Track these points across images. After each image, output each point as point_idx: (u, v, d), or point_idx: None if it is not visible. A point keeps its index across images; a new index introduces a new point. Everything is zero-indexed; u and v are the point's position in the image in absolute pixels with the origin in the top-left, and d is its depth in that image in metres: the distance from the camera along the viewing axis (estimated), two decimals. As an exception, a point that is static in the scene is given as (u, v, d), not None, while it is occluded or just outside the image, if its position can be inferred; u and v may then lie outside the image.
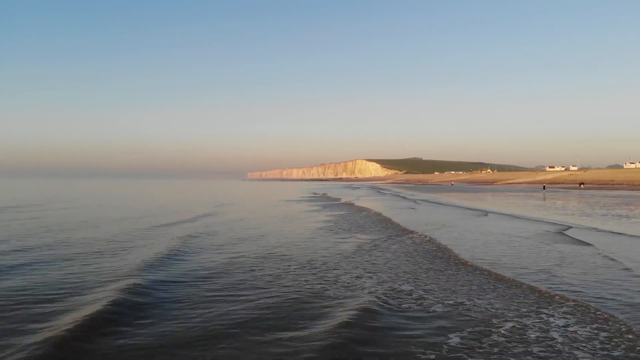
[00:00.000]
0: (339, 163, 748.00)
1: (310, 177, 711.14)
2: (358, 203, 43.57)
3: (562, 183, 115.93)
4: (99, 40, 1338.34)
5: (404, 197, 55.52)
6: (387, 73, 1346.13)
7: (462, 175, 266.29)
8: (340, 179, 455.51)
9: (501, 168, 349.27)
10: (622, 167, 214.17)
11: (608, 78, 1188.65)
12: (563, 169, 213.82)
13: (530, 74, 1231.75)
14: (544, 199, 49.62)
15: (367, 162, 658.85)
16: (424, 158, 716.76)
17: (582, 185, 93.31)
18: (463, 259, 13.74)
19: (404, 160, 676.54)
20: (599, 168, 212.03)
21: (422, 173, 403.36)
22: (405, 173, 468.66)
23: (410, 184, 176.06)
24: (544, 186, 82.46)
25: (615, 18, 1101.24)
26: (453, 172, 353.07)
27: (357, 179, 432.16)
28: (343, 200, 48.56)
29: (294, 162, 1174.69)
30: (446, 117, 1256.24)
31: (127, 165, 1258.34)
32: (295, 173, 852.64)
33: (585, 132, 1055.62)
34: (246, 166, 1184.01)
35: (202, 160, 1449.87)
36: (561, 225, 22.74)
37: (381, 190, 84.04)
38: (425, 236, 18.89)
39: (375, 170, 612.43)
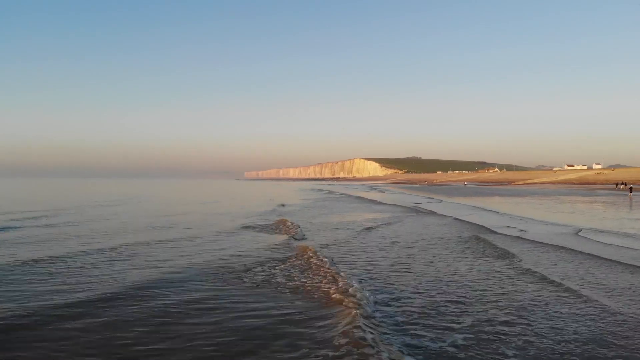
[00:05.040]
0: (336, 162, 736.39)
1: (307, 176, 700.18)
2: (444, 212, 31.94)
3: (592, 184, 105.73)
4: (100, 40, 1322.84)
5: (465, 205, 41.50)
6: (386, 73, 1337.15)
7: (468, 175, 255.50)
8: (338, 179, 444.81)
9: (508, 167, 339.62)
10: (624, 167, 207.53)
11: (608, 78, 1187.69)
12: (585, 167, 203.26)
13: (529, 74, 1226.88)
14: None
15: (366, 161, 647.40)
16: (423, 157, 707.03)
17: (624, 186, 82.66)
18: None
19: (404, 160, 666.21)
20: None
21: (423, 172, 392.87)
22: (406, 172, 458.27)
23: (414, 184, 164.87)
24: (630, 188, 61.44)
25: (618, 18, 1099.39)
26: (457, 172, 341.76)
27: (355, 179, 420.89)
28: (427, 208, 35.65)
29: (290, 162, 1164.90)
30: (445, 116, 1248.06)
31: (125, 166, 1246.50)
32: (292, 172, 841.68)
33: (585, 132, 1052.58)
34: (243, 166, 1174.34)
35: (199, 160, 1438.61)
36: None
37: (405, 194, 72.32)
38: None
39: (374, 169, 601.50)
